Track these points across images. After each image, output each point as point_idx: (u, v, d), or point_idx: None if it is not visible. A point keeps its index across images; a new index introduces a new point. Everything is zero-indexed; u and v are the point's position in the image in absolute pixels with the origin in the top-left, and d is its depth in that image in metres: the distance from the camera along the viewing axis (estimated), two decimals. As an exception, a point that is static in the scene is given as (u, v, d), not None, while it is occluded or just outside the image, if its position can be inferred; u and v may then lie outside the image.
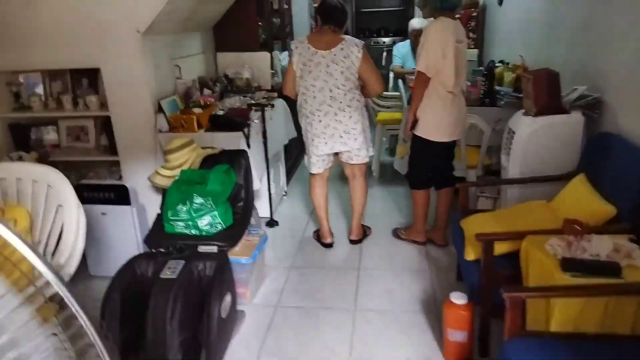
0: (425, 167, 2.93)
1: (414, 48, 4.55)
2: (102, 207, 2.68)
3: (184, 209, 2.33)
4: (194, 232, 2.34)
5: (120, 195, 2.66)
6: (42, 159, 2.83)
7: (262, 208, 3.43)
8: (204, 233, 2.34)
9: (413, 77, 4.20)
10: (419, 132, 2.78)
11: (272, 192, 3.44)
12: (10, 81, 2.95)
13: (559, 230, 1.85)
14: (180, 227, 2.34)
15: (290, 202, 3.90)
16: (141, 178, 2.74)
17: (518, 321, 1.63)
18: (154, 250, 2.28)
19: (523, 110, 2.67)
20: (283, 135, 3.71)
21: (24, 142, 3.00)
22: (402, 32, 7.68)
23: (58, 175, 1.79)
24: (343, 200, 3.79)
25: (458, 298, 1.99)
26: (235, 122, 2.87)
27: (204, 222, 2.32)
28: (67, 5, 2.67)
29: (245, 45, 3.87)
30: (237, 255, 2.44)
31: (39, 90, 3.05)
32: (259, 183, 3.03)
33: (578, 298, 1.59)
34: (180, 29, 3.18)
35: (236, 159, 2.60)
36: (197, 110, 2.90)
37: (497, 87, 3.50)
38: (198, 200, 2.35)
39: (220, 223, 2.35)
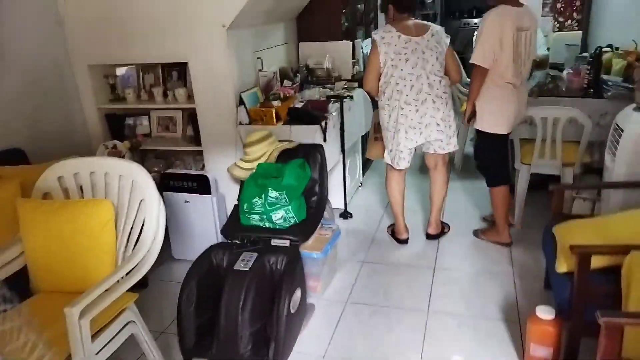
0: (500, 161, 2.81)
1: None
2: (185, 195, 2.81)
3: (259, 202, 2.36)
4: (267, 225, 2.37)
5: (202, 185, 2.78)
6: (134, 147, 3.03)
7: (336, 199, 3.41)
8: (277, 226, 2.36)
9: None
10: (482, 126, 2.74)
11: (347, 183, 3.39)
12: (107, 74, 3.18)
13: (670, 248, 1.60)
14: (255, 219, 2.38)
15: (366, 194, 3.83)
16: (222, 168, 2.84)
17: (614, 348, 1.44)
18: (229, 241, 2.35)
19: (634, 105, 2.36)
20: (362, 125, 3.63)
21: (118, 131, 3.24)
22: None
23: (142, 172, 1.88)
24: (420, 193, 3.65)
25: (545, 312, 1.82)
26: (312, 115, 2.85)
27: (277, 216, 2.35)
28: (160, 2, 2.80)
29: (327, 35, 3.83)
30: (310, 249, 2.44)
31: (133, 82, 3.26)
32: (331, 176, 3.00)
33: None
34: (263, 21, 3.21)
35: (312, 153, 2.58)
36: (276, 102, 2.92)
37: (604, 76, 3.12)
38: (273, 194, 2.37)
39: (293, 217, 2.36)
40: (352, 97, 3.24)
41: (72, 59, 3.05)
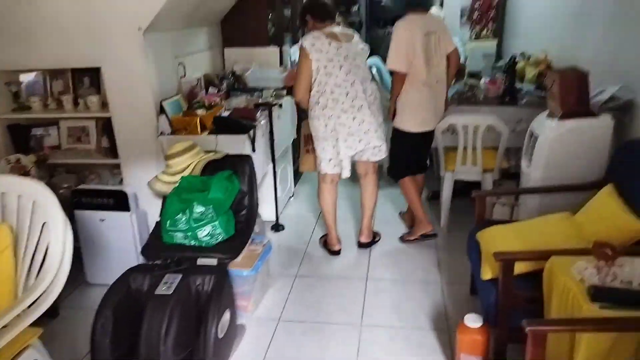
0: (405, 158, 2.98)
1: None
2: (100, 213, 2.58)
3: (184, 218, 2.21)
4: (193, 243, 2.22)
5: (119, 202, 2.56)
6: (41, 161, 2.74)
7: (267, 211, 3.32)
8: (203, 244, 2.22)
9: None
10: (397, 124, 2.92)
11: (278, 194, 3.31)
12: (9, 80, 2.85)
13: (586, 251, 1.68)
14: (179, 237, 2.22)
15: (298, 204, 3.77)
16: (143, 182, 2.62)
17: (540, 354, 1.48)
18: (150, 263, 2.18)
19: (547, 112, 2.49)
20: (290, 133, 3.57)
21: (24, 143, 2.92)
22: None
23: (45, 191, 1.67)
24: (350, 201, 3.65)
25: (473, 321, 1.85)
26: (240, 124, 2.73)
27: (204, 233, 2.21)
28: (67, 2, 2.55)
29: (254, 40, 3.72)
30: (239, 267, 2.33)
31: (40, 89, 2.96)
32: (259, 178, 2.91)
33: (608, 333, 1.43)
34: (185, 24, 3.05)
35: (240, 165, 2.47)
36: (200, 111, 2.77)
37: (519, 85, 3.30)
38: (198, 209, 2.23)
39: (221, 233, 2.23)
40: (281, 105, 3.16)
41: (-37, 63, 2.71)
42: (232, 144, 2.68)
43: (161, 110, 2.71)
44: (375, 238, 3.09)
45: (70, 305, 2.55)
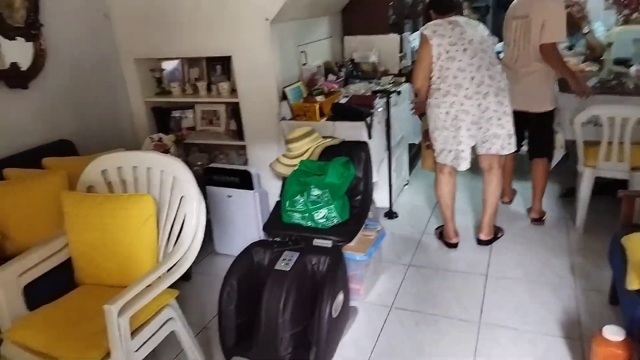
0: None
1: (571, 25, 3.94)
2: (228, 190, 2.78)
3: (301, 200, 2.29)
4: (310, 224, 2.30)
5: (244, 180, 2.74)
6: (179, 141, 3.03)
7: (381, 198, 3.30)
8: (319, 226, 2.28)
9: (566, 58, 3.71)
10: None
11: (392, 181, 3.27)
12: (154, 67, 3.19)
13: None
14: (296, 218, 2.31)
15: (412, 192, 3.69)
16: (265, 164, 2.78)
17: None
18: (271, 239, 2.30)
19: None
20: (408, 121, 3.50)
21: (164, 124, 3.25)
22: None
23: (183, 168, 1.84)
24: (469, 192, 3.48)
25: (612, 333, 1.65)
26: (357, 111, 2.74)
27: (320, 215, 2.26)
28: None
29: (374, 28, 3.70)
30: (353, 250, 2.35)
31: (179, 76, 3.26)
32: (376, 175, 2.89)
33: None
34: (307, 14, 3.13)
35: (356, 151, 2.49)
36: (319, 97, 2.84)
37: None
38: (315, 192, 2.30)
39: (336, 217, 2.27)
40: (399, 93, 3.11)
41: (119, 53, 3.09)
42: (349, 131, 2.71)
43: (283, 97, 2.83)
44: (497, 234, 2.92)
45: (201, 271, 2.80)
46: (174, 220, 1.84)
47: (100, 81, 2.98)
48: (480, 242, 2.87)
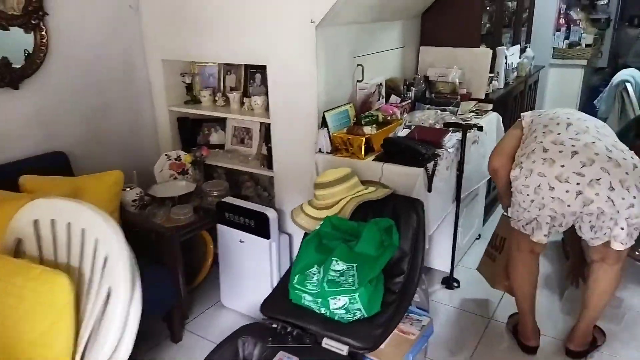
0: None
1: None
2: (240, 233, 2.22)
3: (315, 277, 1.66)
4: (323, 311, 1.66)
5: (260, 225, 2.15)
6: (199, 162, 2.53)
7: (440, 260, 2.57)
8: (336, 317, 1.63)
9: None
10: None
11: (458, 240, 2.52)
12: (184, 71, 2.71)
13: None
14: (307, 299, 1.68)
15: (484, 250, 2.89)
16: (293, 205, 2.17)
17: None
18: (267, 322, 1.69)
19: None
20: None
21: (192, 138, 2.77)
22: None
23: (108, 228, 1.25)
24: (557, 274, 2.62)
25: None
26: (416, 151, 2.03)
27: (337, 304, 1.61)
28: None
29: (461, 38, 2.94)
30: (380, 357, 1.67)
31: (214, 82, 2.75)
32: (434, 227, 2.18)
33: None
34: (373, 17, 2.46)
35: (405, 212, 1.80)
36: (369, 128, 2.16)
37: None
38: (338, 266, 1.65)
39: (360, 309, 1.61)
40: (480, 128, 2.34)
41: (145, 52, 2.64)
42: (402, 178, 2.01)
43: (323, 123, 2.20)
44: (596, 341, 2.07)
45: (198, 327, 2.27)
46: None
47: (118, 84, 2.54)
48: (569, 353, 2.04)
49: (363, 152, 2.10)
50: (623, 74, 3.14)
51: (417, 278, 1.78)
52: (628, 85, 3.04)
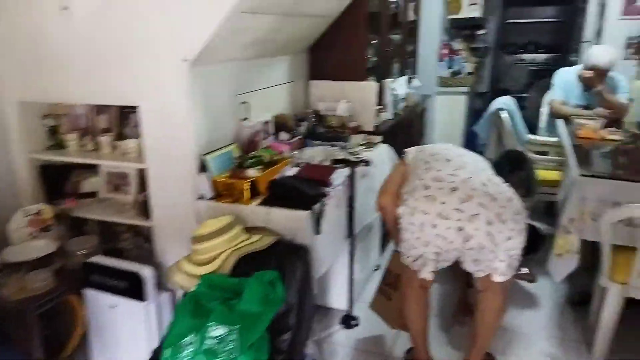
0: None
1: (588, 85, 3.22)
2: (110, 298, 1.96)
3: (191, 347, 1.47)
4: (202, 386, 1.47)
5: (134, 286, 1.92)
6: (63, 215, 2.23)
7: (337, 298, 2.50)
8: (216, 391, 1.46)
9: (582, 121, 2.97)
10: None
11: (355, 276, 2.46)
12: (48, 113, 2.41)
13: None
14: (182, 373, 1.49)
15: None
16: (177, 256, 1.96)
17: None
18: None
19: None
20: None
21: (58, 188, 2.45)
22: (556, 49, 6.19)
23: None
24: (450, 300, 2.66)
25: None
26: (302, 193, 1.94)
27: (216, 376, 1.44)
28: (104, 26, 2.01)
29: (348, 72, 2.96)
30: None
31: (82, 124, 2.47)
32: (324, 269, 2.09)
33: None
34: (254, 54, 2.37)
35: (289, 262, 1.69)
36: (253, 171, 2.04)
37: None
38: (216, 332, 1.49)
39: (242, 380, 1.45)
40: (367, 163, 2.33)
41: (-3, 92, 2.31)
42: (289, 222, 1.90)
43: (202, 167, 2.04)
44: (490, 364, 2.09)
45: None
46: None
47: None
48: (465, 382, 2.04)
49: (247, 197, 1.97)
50: (499, 102, 3.36)
51: (306, 332, 1.67)
52: (502, 113, 3.24)
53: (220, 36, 1.90)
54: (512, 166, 1.97)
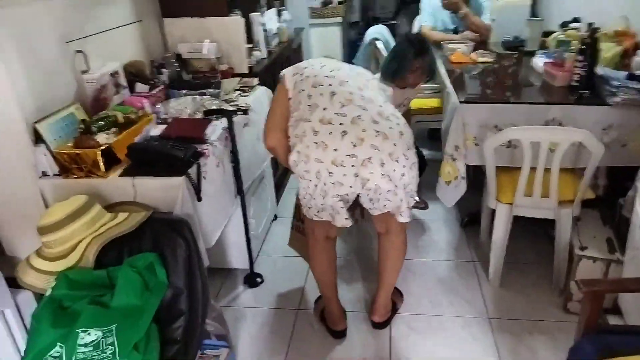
0: None
1: (452, 9, 3.22)
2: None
3: (59, 355, 1.18)
4: (79, 408, 1.20)
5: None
6: None
7: (237, 258, 2.31)
8: (98, 409, 1.21)
9: (453, 45, 2.98)
10: None
11: (252, 233, 2.28)
12: None
13: None
14: (50, 399, 1.20)
15: (285, 229, 2.73)
16: (29, 248, 1.57)
17: None
18: None
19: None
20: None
21: None
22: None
23: None
24: (355, 245, 2.64)
25: None
26: (171, 156, 1.63)
27: (95, 393, 1.18)
28: None
29: (207, 6, 2.56)
30: None
31: None
32: (216, 236, 1.87)
33: None
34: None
35: (168, 240, 1.42)
36: (104, 135, 1.66)
37: (600, 70, 2.22)
38: (88, 337, 1.21)
39: (129, 388, 1.21)
40: (246, 111, 2.06)
41: None
42: (161, 192, 1.61)
43: (38, 138, 1.61)
44: (395, 304, 2.09)
45: None
46: None
47: None
48: (375, 325, 2.02)
49: (103, 168, 1.61)
50: (372, 32, 3.26)
51: (203, 313, 1.45)
52: (378, 43, 3.15)
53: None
54: (417, 50, 1.89)
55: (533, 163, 1.93)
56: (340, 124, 1.55)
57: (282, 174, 3.13)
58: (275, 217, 2.86)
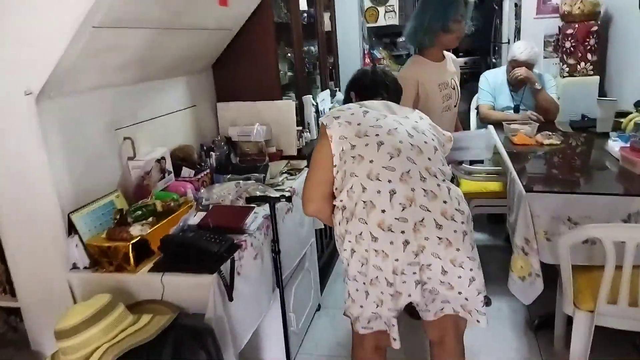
0: None
1: (517, 85, 3.08)
2: None
3: None
4: None
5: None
6: None
7: (271, 351, 2.09)
8: None
9: (516, 126, 2.78)
10: None
11: (290, 329, 2.07)
12: None
13: None
14: None
15: (329, 322, 2.49)
16: (54, 348, 1.46)
17: None
18: None
19: None
20: (310, 229, 2.37)
21: None
22: (475, 52, 6.17)
23: None
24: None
25: None
26: (204, 251, 1.52)
27: None
28: None
29: (260, 90, 2.58)
30: None
31: None
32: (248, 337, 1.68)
33: None
34: (134, 78, 1.93)
35: (190, 352, 1.26)
36: (138, 226, 1.58)
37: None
38: None
39: None
40: (289, 199, 1.94)
41: None
42: (191, 290, 1.47)
43: (71, 228, 1.56)
44: None
45: None
46: None
47: None
48: None
49: (132, 263, 1.51)
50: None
51: None
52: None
53: (73, 59, 1.45)
54: None
55: (618, 261, 1.63)
56: (389, 181, 1.39)
57: (328, 257, 2.94)
58: (319, 307, 2.64)
